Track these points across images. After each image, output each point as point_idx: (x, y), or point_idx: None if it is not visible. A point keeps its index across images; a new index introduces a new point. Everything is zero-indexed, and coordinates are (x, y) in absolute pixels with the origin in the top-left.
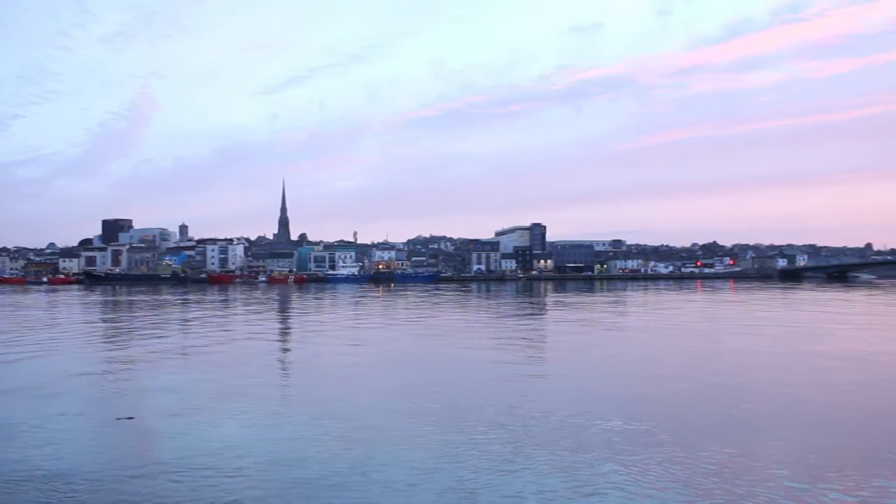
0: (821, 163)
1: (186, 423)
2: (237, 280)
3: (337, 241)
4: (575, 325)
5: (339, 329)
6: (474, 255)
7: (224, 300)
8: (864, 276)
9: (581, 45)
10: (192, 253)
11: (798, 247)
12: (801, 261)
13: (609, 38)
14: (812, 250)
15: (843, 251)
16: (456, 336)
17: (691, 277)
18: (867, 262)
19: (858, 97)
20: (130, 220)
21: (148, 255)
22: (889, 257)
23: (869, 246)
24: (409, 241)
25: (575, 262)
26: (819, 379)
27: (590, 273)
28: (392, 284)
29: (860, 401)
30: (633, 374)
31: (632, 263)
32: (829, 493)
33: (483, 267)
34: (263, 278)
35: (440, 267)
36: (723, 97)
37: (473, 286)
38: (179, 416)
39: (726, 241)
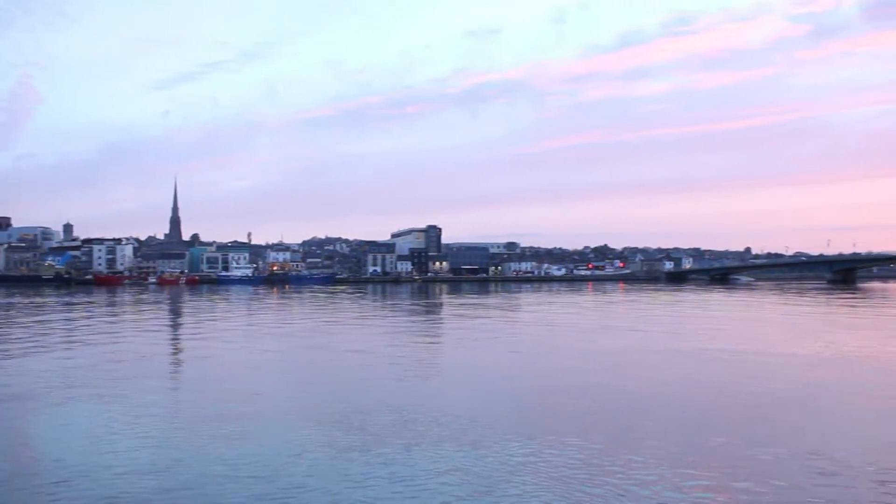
0: (705, 170)
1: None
2: (126, 281)
3: (230, 242)
4: (466, 329)
5: (231, 334)
6: (370, 257)
7: (111, 303)
8: (744, 279)
9: (478, 50)
10: (77, 253)
11: (684, 250)
12: (687, 263)
13: (505, 43)
14: (697, 253)
15: (725, 254)
16: (343, 338)
17: (583, 279)
18: (746, 265)
19: (740, 109)
20: (9, 218)
21: (28, 255)
22: (766, 260)
23: (748, 250)
24: (304, 243)
25: (470, 264)
26: (683, 376)
27: (485, 275)
28: (287, 286)
29: (719, 396)
30: (514, 374)
31: (526, 265)
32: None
33: (379, 269)
34: (154, 280)
35: (336, 269)
36: (614, 105)
37: (369, 288)
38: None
39: (617, 244)
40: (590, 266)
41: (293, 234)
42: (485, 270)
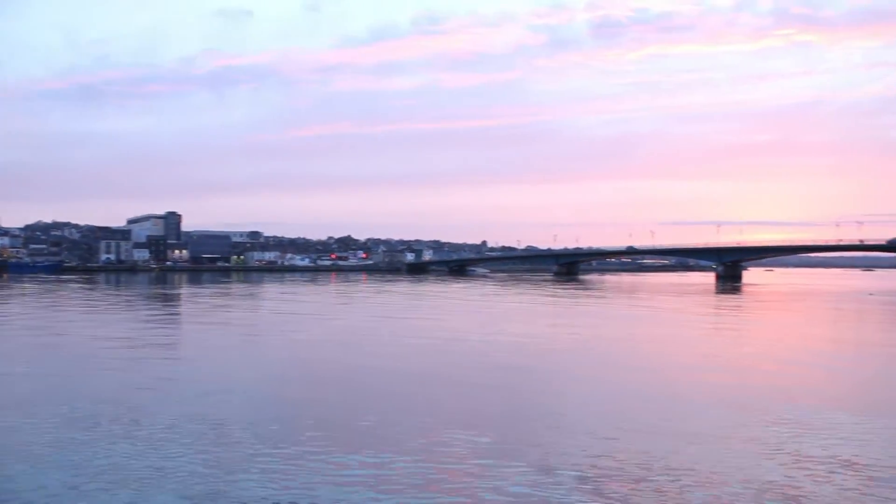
0: (447, 166)
1: None
2: None
3: None
4: (202, 321)
5: None
6: (103, 244)
7: None
8: (480, 270)
9: (227, 31)
10: None
11: (425, 242)
12: (427, 255)
13: (257, 26)
14: (437, 245)
15: (463, 247)
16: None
17: (327, 270)
18: (482, 257)
19: (482, 109)
20: None
21: None
22: (500, 253)
23: (484, 243)
24: (26, 227)
25: (212, 253)
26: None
27: (226, 264)
28: (5, 275)
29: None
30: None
31: (269, 255)
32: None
33: (113, 256)
34: None
35: (64, 256)
36: (364, 97)
37: (101, 277)
38: None
39: (360, 235)
40: (333, 256)
41: (13, 217)
42: (227, 259)
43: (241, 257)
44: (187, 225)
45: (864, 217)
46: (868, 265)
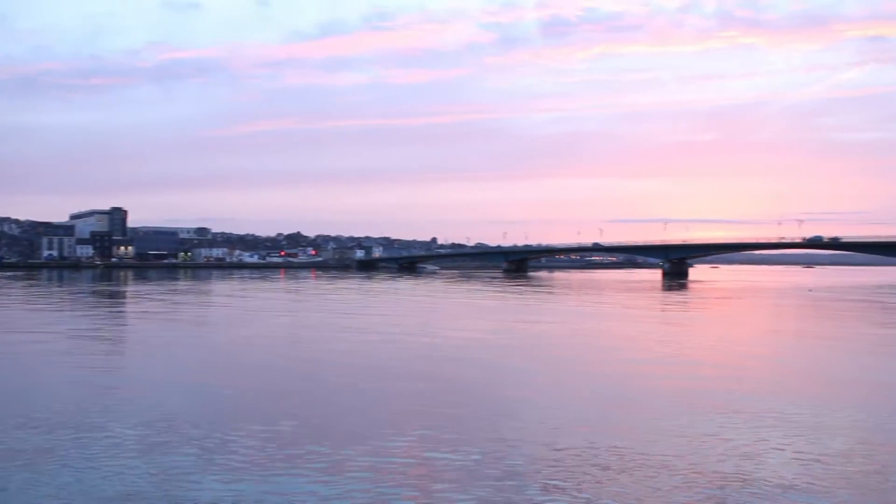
0: (396, 162)
1: None
2: None
3: None
4: (143, 317)
5: None
6: (45, 240)
7: None
8: (430, 267)
9: (173, 23)
10: None
11: (375, 239)
12: (377, 252)
13: (205, 19)
14: (387, 242)
15: (413, 244)
16: None
17: (276, 267)
18: (432, 254)
19: (432, 106)
20: None
21: None
22: (450, 250)
23: (434, 240)
24: None
25: (158, 250)
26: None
27: (174, 261)
28: None
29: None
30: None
31: (217, 252)
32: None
33: (56, 253)
34: None
35: (3, 252)
36: (313, 93)
37: (43, 274)
38: None
39: (310, 232)
40: (282, 253)
41: None
42: (174, 256)
43: (189, 254)
44: (133, 221)
45: (804, 215)
46: (809, 262)
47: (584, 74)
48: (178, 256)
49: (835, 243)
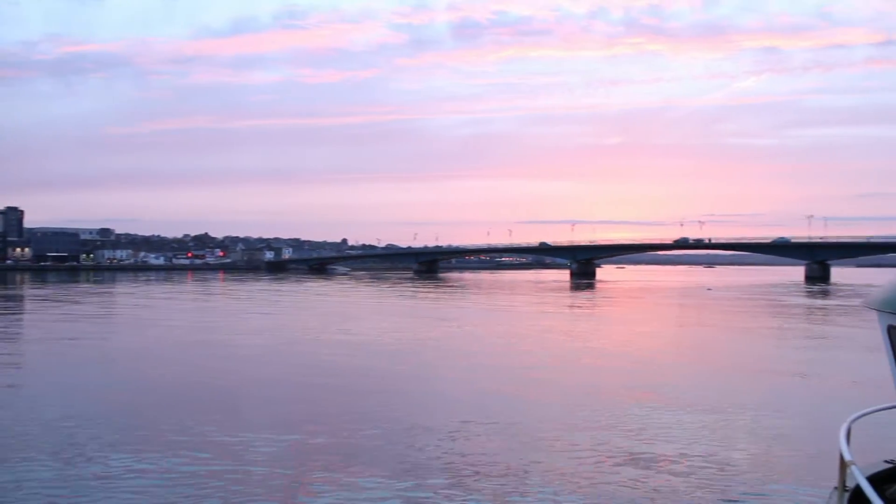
0: (307, 163)
1: None
2: None
3: None
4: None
5: None
6: None
7: None
8: (341, 269)
9: (74, 14)
10: None
11: (285, 240)
12: (287, 254)
13: (108, 11)
14: (297, 244)
15: (323, 245)
16: None
17: (183, 268)
18: (343, 255)
19: (343, 106)
20: None
21: None
22: (361, 251)
23: (345, 241)
24: None
25: (58, 252)
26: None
27: (75, 263)
28: None
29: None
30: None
31: (121, 253)
32: None
33: None
34: None
35: None
36: (222, 91)
37: None
38: None
39: (218, 233)
40: (190, 255)
41: None
42: (75, 258)
43: (91, 256)
44: (31, 222)
45: (705, 217)
46: (710, 262)
47: (494, 77)
48: (79, 258)
49: (699, 244)
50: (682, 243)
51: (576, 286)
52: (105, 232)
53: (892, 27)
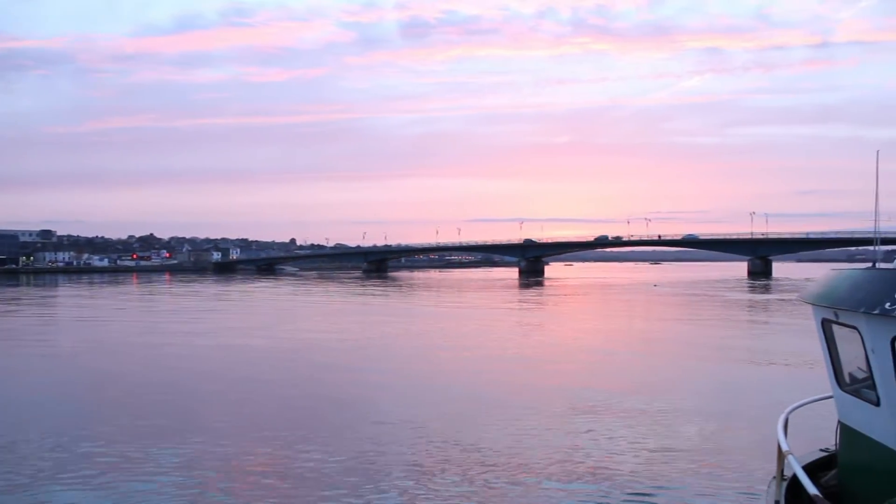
0: (254, 162)
1: None
2: None
3: None
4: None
5: None
6: None
7: None
8: (290, 269)
9: (11, 9)
10: None
11: (232, 241)
12: (235, 254)
13: (47, 6)
14: (245, 244)
15: (272, 245)
16: None
17: (128, 270)
18: (292, 255)
19: (291, 105)
20: None
21: None
22: (309, 251)
23: (293, 241)
24: None
25: None
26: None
27: (14, 266)
28: None
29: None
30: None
31: (64, 256)
32: None
33: None
34: None
35: None
36: (167, 89)
37: None
38: None
39: (164, 234)
40: (135, 256)
41: None
42: (14, 261)
43: (31, 258)
44: None
45: (651, 214)
46: (656, 259)
47: (442, 76)
48: (18, 261)
49: (617, 242)
50: (601, 241)
51: (526, 284)
52: (46, 234)
53: (829, 29)
